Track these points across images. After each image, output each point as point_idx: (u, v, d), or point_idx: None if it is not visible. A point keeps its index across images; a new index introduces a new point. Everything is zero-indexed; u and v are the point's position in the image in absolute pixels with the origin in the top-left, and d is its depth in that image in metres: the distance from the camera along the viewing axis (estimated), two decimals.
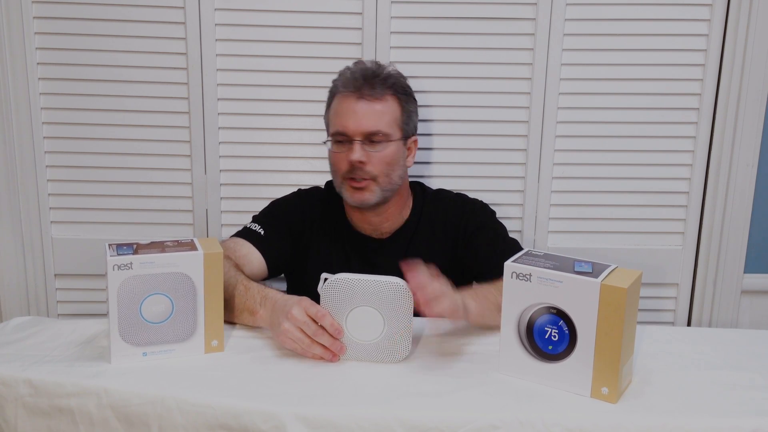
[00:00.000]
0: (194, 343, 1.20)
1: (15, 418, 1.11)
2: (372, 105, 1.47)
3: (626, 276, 1.06)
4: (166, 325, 1.17)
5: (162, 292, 1.15)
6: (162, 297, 1.15)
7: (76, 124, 1.82)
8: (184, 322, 1.18)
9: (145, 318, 1.15)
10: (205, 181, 1.85)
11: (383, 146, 1.47)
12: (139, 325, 1.15)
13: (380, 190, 1.47)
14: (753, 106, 1.79)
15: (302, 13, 1.77)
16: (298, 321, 1.16)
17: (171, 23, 1.77)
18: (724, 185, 1.84)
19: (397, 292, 1.15)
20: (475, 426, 1.01)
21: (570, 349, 1.07)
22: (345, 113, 1.47)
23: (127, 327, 1.15)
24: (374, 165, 1.46)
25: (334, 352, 1.17)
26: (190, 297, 1.17)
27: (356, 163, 1.44)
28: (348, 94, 1.48)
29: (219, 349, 1.21)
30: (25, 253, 1.87)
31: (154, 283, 1.15)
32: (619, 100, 1.82)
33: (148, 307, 1.15)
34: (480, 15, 1.77)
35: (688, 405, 1.06)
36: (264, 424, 1.02)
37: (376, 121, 1.46)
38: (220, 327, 1.21)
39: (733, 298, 1.91)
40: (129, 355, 1.16)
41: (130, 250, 1.15)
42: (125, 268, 1.13)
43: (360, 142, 1.45)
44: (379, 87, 1.47)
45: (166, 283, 1.15)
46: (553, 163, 1.84)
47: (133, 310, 1.15)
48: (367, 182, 1.46)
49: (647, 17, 1.77)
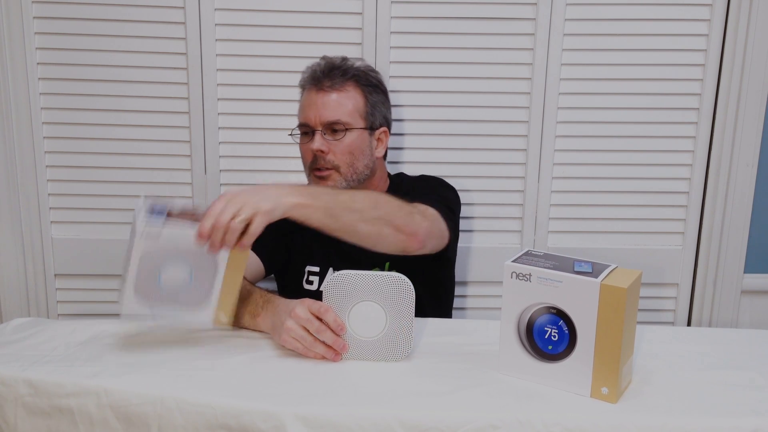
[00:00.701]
0: (203, 314, 1.19)
1: (15, 418, 1.11)
2: (330, 96, 1.51)
3: (626, 276, 1.06)
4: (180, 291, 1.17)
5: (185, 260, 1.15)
6: (182, 264, 1.15)
7: (76, 124, 1.82)
8: (198, 292, 1.18)
9: (162, 280, 1.15)
10: (205, 181, 1.85)
11: (343, 135, 1.50)
12: (154, 286, 1.15)
13: (343, 180, 1.51)
14: (753, 106, 1.79)
15: (302, 13, 1.77)
16: (302, 319, 1.16)
17: (171, 23, 1.77)
18: (724, 185, 1.84)
19: (400, 287, 1.15)
20: (475, 426, 1.01)
21: (570, 349, 1.07)
22: (306, 105, 1.53)
23: (142, 285, 1.15)
24: (335, 154, 1.50)
25: (337, 350, 1.17)
26: (210, 270, 1.17)
27: (317, 152, 1.49)
28: (310, 87, 1.54)
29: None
30: (25, 253, 1.87)
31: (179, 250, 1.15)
32: (619, 100, 1.82)
33: (167, 272, 1.15)
34: (480, 15, 1.77)
35: (688, 405, 1.05)
36: (264, 424, 1.02)
37: (334, 110, 1.50)
38: (232, 305, 1.21)
39: (733, 298, 1.91)
40: (138, 312, 1.16)
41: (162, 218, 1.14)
42: (153, 237, 1.13)
43: (320, 132, 1.50)
44: (339, 78, 1.51)
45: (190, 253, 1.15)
46: (553, 163, 1.84)
47: (153, 270, 1.15)
48: (329, 172, 1.50)
49: (647, 17, 1.77)
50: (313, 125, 1.50)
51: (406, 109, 1.82)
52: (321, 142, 1.49)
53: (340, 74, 1.52)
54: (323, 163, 1.50)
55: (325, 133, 1.50)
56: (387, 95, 1.61)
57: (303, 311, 1.17)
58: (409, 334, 1.17)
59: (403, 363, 1.18)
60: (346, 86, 1.52)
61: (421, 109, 1.83)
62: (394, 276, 1.15)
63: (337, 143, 1.50)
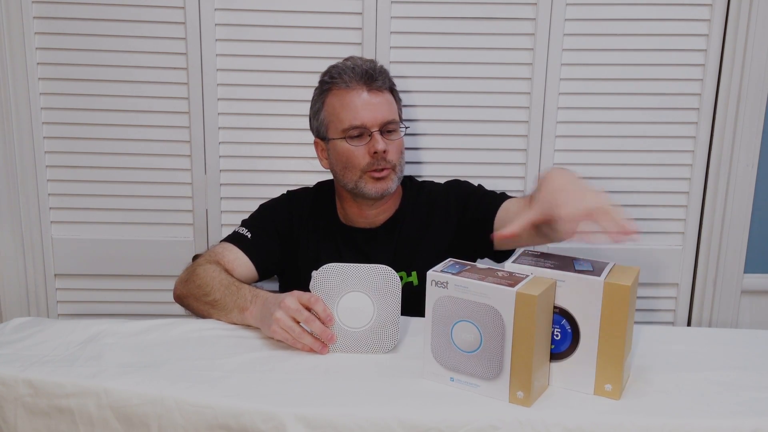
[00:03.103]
0: (499, 385, 1.05)
1: (15, 418, 1.11)
2: (381, 95, 1.49)
3: (626, 273, 1.06)
4: (474, 356, 1.06)
5: (471, 320, 1.05)
6: (471, 326, 1.06)
7: (76, 124, 1.82)
8: (491, 360, 1.05)
9: (455, 343, 1.08)
10: (205, 181, 1.85)
11: (397, 135, 1.50)
12: (449, 348, 1.08)
13: (396, 179, 1.50)
14: (753, 106, 1.79)
15: (302, 13, 1.77)
16: (291, 309, 1.18)
17: (171, 23, 1.77)
18: (724, 185, 1.84)
19: (386, 277, 1.17)
20: (475, 426, 1.01)
21: (573, 348, 1.07)
22: (358, 106, 1.46)
23: (438, 347, 1.09)
24: (392, 154, 1.48)
25: (325, 341, 1.18)
26: (499, 333, 1.04)
27: (381, 153, 1.45)
28: (356, 87, 1.47)
29: (525, 403, 1.03)
30: (25, 253, 1.87)
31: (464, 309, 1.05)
32: (618, 100, 1.82)
33: (458, 333, 1.07)
34: (480, 15, 1.77)
35: (689, 405, 1.05)
36: (264, 424, 1.02)
37: (389, 110, 1.48)
38: (528, 377, 1.03)
39: (733, 298, 1.91)
40: (438, 375, 1.10)
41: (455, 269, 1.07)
42: (441, 285, 1.06)
43: (378, 132, 1.46)
44: (382, 80, 1.49)
45: (475, 312, 1.05)
46: (553, 163, 1.84)
47: (445, 331, 1.08)
48: (388, 171, 1.47)
49: (647, 17, 1.77)
50: (371, 126, 1.46)
51: (406, 109, 1.82)
52: (384, 143, 1.45)
53: (380, 75, 1.49)
54: (384, 163, 1.46)
55: (382, 132, 1.48)
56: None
57: (292, 302, 1.18)
58: (395, 325, 1.19)
59: (403, 363, 1.18)
60: (386, 87, 1.51)
61: (421, 109, 1.83)
62: (380, 267, 1.18)
63: (393, 143, 1.48)
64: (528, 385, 1.03)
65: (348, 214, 1.56)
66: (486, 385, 1.06)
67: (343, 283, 1.18)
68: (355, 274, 1.18)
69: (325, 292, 1.19)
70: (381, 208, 1.55)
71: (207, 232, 1.87)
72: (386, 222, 1.56)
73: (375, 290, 1.18)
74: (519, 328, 1.02)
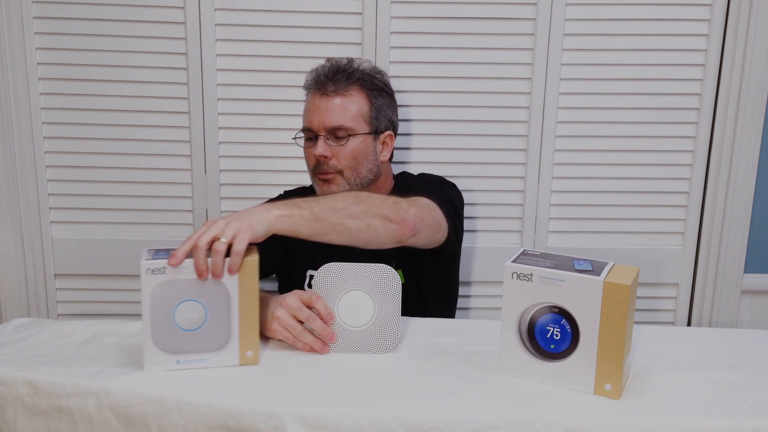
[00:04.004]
0: (228, 353, 1.15)
1: (14, 418, 1.11)
2: (333, 100, 1.50)
3: (626, 272, 1.06)
4: (199, 333, 1.13)
5: (195, 298, 1.12)
6: (195, 304, 1.12)
7: (76, 124, 1.82)
8: (218, 331, 1.14)
9: (178, 324, 1.12)
10: (205, 181, 1.85)
11: (347, 140, 1.50)
12: (172, 331, 1.12)
13: (347, 184, 1.51)
14: (753, 106, 1.79)
15: (302, 13, 1.77)
16: (292, 307, 1.18)
17: (171, 23, 1.77)
18: (724, 185, 1.84)
19: (387, 276, 1.18)
20: (475, 426, 1.01)
21: (573, 347, 1.07)
22: (310, 110, 1.53)
23: (160, 333, 1.12)
24: (339, 159, 1.50)
25: (325, 339, 1.18)
26: (224, 305, 1.14)
27: (320, 157, 1.49)
28: (314, 90, 1.54)
29: (254, 361, 1.16)
30: (25, 253, 1.87)
31: (187, 288, 1.11)
32: (618, 100, 1.82)
33: (181, 314, 1.12)
34: (480, 15, 1.77)
35: (689, 405, 1.05)
36: (263, 424, 1.02)
37: (337, 116, 1.50)
38: (255, 338, 1.16)
39: (733, 298, 1.91)
40: (162, 362, 1.13)
41: (165, 255, 1.11)
42: (159, 272, 1.10)
43: (324, 137, 1.50)
44: (343, 82, 1.51)
45: (199, 290, 1.12)
46: (553, 163, 1.84)
47: (167, 316, 1.12)
48: (333, 175, 1.51)
49: (647, 17, 1.77)
50: (317, 130, 1.50)
51: (406, 110, 1.82)
52: (324, 148, 1.49)
53: (344, 78, 1.51)
54: (326, 168, 1.50)
55: (329, 138, 1.50)
56: (393, 97, 1.60)
57: (294, 300, 1.18)
58: (396, 324, 1.19)
59: (403, 362, 1.18)
60: (351, 90, 1.51)
61: (421, 109, 1.83)
62: (380, 266, 1.18)
63: (340, 149, 1.50)
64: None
65: None
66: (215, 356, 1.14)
67: (343, 281, 1.18)
68: (355, 273, 1.18)
69: (326, 291, 1.19)
70: None
71: None
72: None
73: (376, 289, 1.18)
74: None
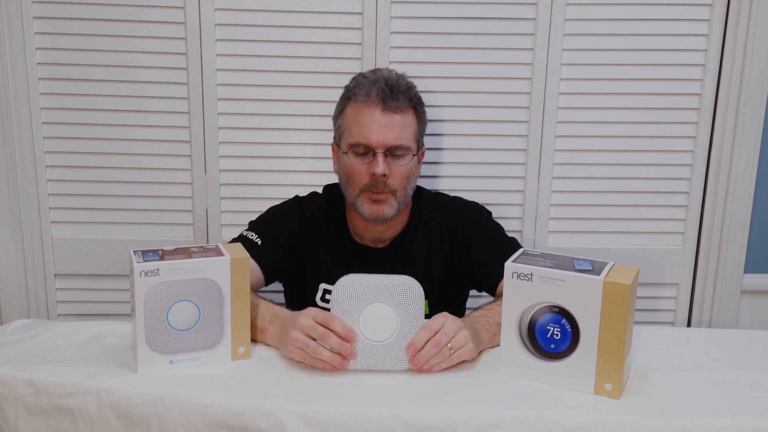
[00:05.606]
0: (221, 350, 1.17)
1: (15, 417, 1.11)
2: (395, 117, 1.44)
3: (626, 272, 1.07)
4: (192, 333, 1.15)
5: (189, 298, 1.13)
6: (189, 304, 1.14)
7: (76, 124, 1.82)
8: (211, 329, 1.16)
9: (171, 325, 1.14)
10: (205, 181, 1.85)
11: (405, 160, 1.45)
12: (165, 332, 1.13)
13: (397, 204, 1.46)
14: (753, 106, 1.79)
15: (302, 13, 1.77)
16: (305, 327, 1.14)
17: (171, 23, 1.77)
18: (724, 185, 1.84)
19: (410, 288, 1.14)
20: (475, 426, 1.01)
21: (573, 347, 1.08)
22: (367, 124, 1.43)
23: (153, 334, 1.13)
24: (395, 179, 1.44)
25: (344, 354, 1.13)
26: (217, 303, 1.16)
27: (380, 176, 1.42)
28: (371, 103, 1.44)
29: (246, 356, 1.19)
30: (25, 253, 1.87)
31: (181, 289, 1.13)
32: (619, 100, 1.82)
33: (174, 314, 1.13)
34: (480, 15, 1.77)
35: (689, 405, 1.06)
36: (264, 423, 1.02)
37: (399, 134, 1.44)
38: (246, 334, 1.19)
39: (733, 298, 1.91)
40: (155, 363, 1.14)
41: (156, 256, 1.13)
42: (152, 274, 1.11)
43: (383, 154, 1.43)
44: (402, 99, 1.45)
45: (192, 290, 1.13)
46: (553, 163, 1.84)
47: (160, 317, 1.13)
48: (386, 195, 1.44)
49: (647, 17, 1.77)
50: (375, 146, 1.42)
51: None
52: (384, 167, 1.42)
53: (403, 94, 1.45)
54: (382, 187, 1.43)
55: (387, 155, 1.43)
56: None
57: (307, 320, 1.14)
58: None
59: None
60: (407, 108, 1.46)
61: None
62: (403, 278, 1.14)
63: (398, 168, 1.44)
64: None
65: (356, 227, 1.54)
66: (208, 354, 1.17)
67: (365, 294, 1.14)
68: (377, 285, 1.14)
69: (346, 304, 1.15)
70: (388, 225, 1.52)
71: (207, 232, 1.87)
72: (394, 240, 1.54)
73: (398, 302, 1.14)
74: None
